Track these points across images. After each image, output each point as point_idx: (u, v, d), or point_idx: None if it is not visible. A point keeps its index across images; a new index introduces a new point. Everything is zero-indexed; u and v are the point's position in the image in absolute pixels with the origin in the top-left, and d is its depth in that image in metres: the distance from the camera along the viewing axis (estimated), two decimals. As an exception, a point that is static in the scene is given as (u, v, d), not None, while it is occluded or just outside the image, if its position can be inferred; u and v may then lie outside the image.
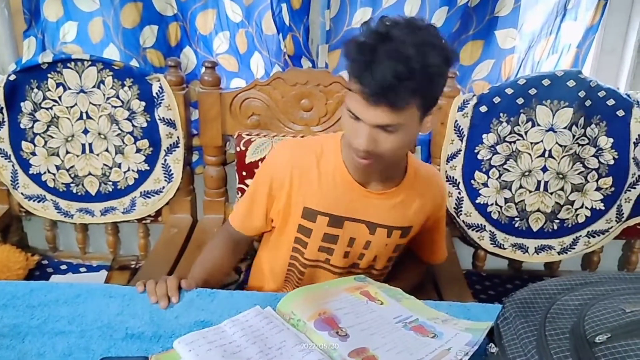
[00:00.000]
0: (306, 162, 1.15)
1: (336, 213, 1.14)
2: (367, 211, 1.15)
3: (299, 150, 1.18)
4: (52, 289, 1.00)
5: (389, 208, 1.16)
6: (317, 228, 1.16)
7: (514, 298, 0.87)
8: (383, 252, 1.21)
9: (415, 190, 1.18)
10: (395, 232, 1.18)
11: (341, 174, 1.13)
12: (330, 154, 1.15)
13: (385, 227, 1.17)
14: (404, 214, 1.18)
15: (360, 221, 1.16)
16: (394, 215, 1.17)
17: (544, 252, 1.68)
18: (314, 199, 1.14)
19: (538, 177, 1.61)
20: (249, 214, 1.22)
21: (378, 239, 1.18)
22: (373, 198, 1.14)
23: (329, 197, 1.14)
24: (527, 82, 1.54)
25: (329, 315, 0.92)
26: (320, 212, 1.14)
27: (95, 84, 1.58)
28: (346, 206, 1.14)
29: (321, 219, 1.15)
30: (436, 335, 0.89)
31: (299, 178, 1.14)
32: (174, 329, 0.91)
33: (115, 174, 1.66)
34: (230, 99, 1.59)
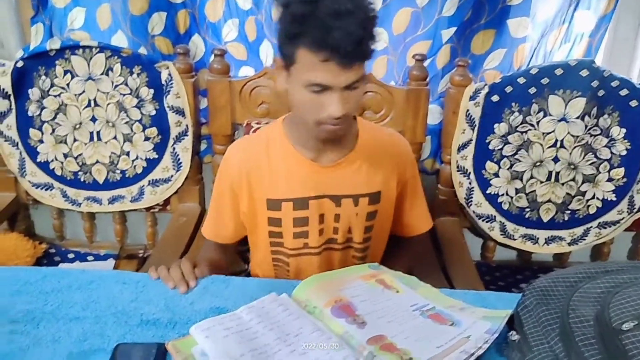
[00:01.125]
0: (256, 156, 1.16)
1: (297, 196, 1.14)
2: (327, 185, 1.14)
3: (247, 148, 1.20)
4: (65, 275, 0.99)
5: (349, 176, 1.15)
6: (284, 215, 1.15)
7: (534, 286, 0.86)
8: (356, 222, 1.18)
9: (373, 153, 1.16)
10: (362, 200, 1.17)
11: (292, 156, 1.13)
12: (276, 141, 1.15)
13: (350, 197, 1.16)
14: (367, 179, 1.16)
15: (323, 196, 1.15)
16: (355, 182, 1.15)
17: (554, 243, 1.67)
18: (272, 189, 1.14)
19: (549, 168, 1.60)
20: (218, 224, 1.24)
21: (346, 209, 1.16)
22: (329, 171, 1.14)
23: (286, 182, 1.14)
24: (539, 71, 1.52)
25: (345, 302, 0.92)
26: (282, 200, 1.14)
27: (104, 71, 1.57)
28: (305, 186, 1.14)
29: (285, 205, 1.14)
30: (454, 323, 0.88)
31: (254, 173, 1.15)
32: (189, 315, 0.91)
33: (123, 162, 1.64)
34: (239, 87, 1.57)
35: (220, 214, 1.22)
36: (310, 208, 1.15)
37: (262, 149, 1.16)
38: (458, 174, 1.60)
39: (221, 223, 1.23)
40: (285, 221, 1.16)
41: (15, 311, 0.89)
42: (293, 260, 1.21)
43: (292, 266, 1.22)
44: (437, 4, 1.57)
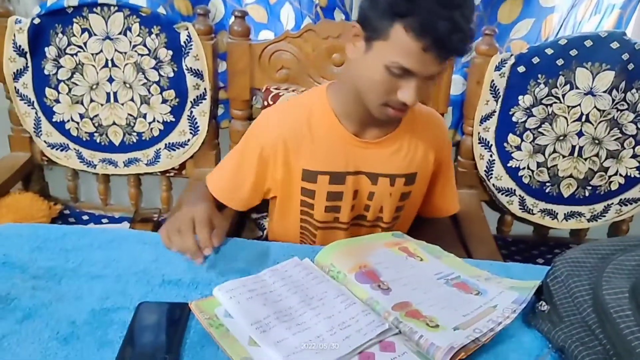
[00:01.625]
0: (296, 124, 1.10)
1: (335, 169, 1.10)
2: (366, 162, 1.11)
3: (286, 114, 1.13)
4: (85, 234, 0.98)
5: (389, 156, 1.12)
6: (319, 188, 1.12)
7: (565, 257, 0.84)
8: (388, 202, 1.16)
9: (415, 133, 1.13)
10: (399, 180, 1.14)
11: (335, 129, 1.09)
12: (319, 111, 1.10)
13: (387, 176, 1.13)
14: (406, 160, 1.13)
15: (360, 173, 1.12)
16: (395, 162, 1.12)
17: (574, 218, 1.65)
18: (310, 160, 1.10)
19: (573, 142, 1.57)
20: (235, 186, 1.16)
21: (381, 188, 1.14)
22: (371, 148, 1.10)
23: (326, 155, 1.09)
24: (568, 42, 1.48)
25: (369, 268, 0.90)
26: (319, 172, 1.10)
27: (122, 31, 1.54)
28: (344, 160, 1.10)
29: (322, 178, 1.11)
30: (480, 292, 0.87)
31: (293, 141, 1.09)
32: (211, 277, 0.89)
33: (140, 125, 1.62)
34: (259, 50, 1.54)
35: (240, 178, 1.15)
36: (347, 183, 1.11)
37: (303, 117, 1.10)
38: (479, 146, 1.58)
39: (238, 187, 1.16)
40: (318, 193, 1.12)
41: (37, 267, 0.89)
42: (320, 232, 1.18)
43: (318, 238, 1.20)
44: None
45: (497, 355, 0.76)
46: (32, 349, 0.72)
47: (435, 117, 1.21)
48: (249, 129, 1.17)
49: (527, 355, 0.77)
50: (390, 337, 0.77)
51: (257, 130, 1.14)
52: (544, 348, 0.77)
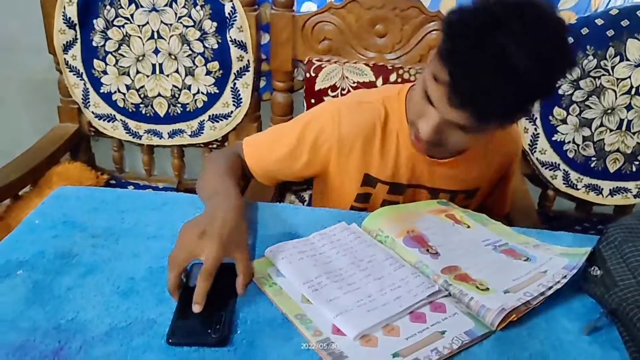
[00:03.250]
0: (369, 125, 1.05)
1: (397, 181, 1.08)
2: (429, 177, 1.09)
3: (359, 117, 1.05)
4: (139, 197, 1.01)
5: (454, 173, 1.09)
6: (376, 194, 1.10)
7: (620, 223, 0.83)
8: None
9: (488, 152, 1.10)
10: (459, 196, 1.12)
11: (406, 140, 1.04)
12: (395, 117, 1.05)
13: (448, 192, 1.11)
14: (470, 177, 1.11)
15: (422, 187, 1.10)
16: (459, 179, 1.09)
17: (619, 194, 1.62)
18: (374, 167, 1.07)
19: (621, 116, 1.53)
20: (266, 155, 1.10)
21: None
22: (438, 165, 1.07)
23: (392, 165, 1.07)
24: (619, 12, 1.45)
25: (417, 233, 0.91)
26: (380, 181, 1.09)
27: (168, 3, 1.56)
28: (409, 174, 1.07)
29: (381, 186, 1.09)
30: (529, 258, 0.87)
31: (361, 142, 1.05)
32: (262, 239, 0.91)
33: (184, 96, 1.65)
34: (302, 22, 1.54)
35: (276, 143, 1.09)
36: (405, 195, 1.10)
37: (377, 120, 1.04)
38: (524, 119, 1.56)
39: (268, 156, 1.10)
40: (373, 198, 1.10)
41: (95, 227, 0.92)
42: None
43: None
44: None
45: (548, 319, 0.76)
46: (95, 302, 0.75)
47: (513, 136, 1.15)
48: (309, 115, 1.10)
49: (578, 320, 0.77)
50: (441, 298, 0.78)
51: (322, 116, 1.06)
52: (596, 313, 0.77)
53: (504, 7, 0.78)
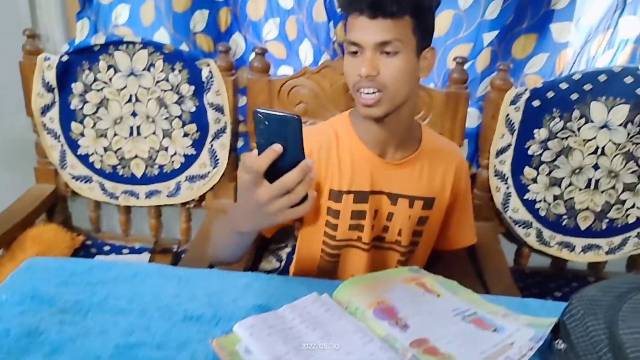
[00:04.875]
0: (327, 145, 1.15)
1: (359, 189, 1.15)
2: (387, 182, 1.16)
3: (319, 136, 1.17)
4: (111, 268, 1.01)
5: (408, 177, 1.17)
6: (344, 207, 1.16)
7: (582, 295, 0.84)
8: (406, 224, 1.20)
9: (434, 160, 1.19)
10: (417, 203, 1.18)
11: (358, 149, 1.14)
12: (344, 133, 1.16)
13: (407, 197, 1.17)
14: (424, 183, 1.18)
15: (381, 193, 1.16)
16: (415, 184, 1.17)
17: (591, 251, 1.65)
18: (337, 180, 1.15)
19: (589, 175, 1.58)
20: None
21: (400, 209, 1.18)
22: (392, 168, 1.15)
23: (351, 175, 1.14)
24: (582, 77, 1.51)
25: (387, 304, 0.91)
26: (344, 192, 1.15)
27: (146, 67, 1.59)
28: (367, 180, 1.15)
29: (346, 197, 1.15)
30: (497, 329, 0.87)
31: (324, 161, 1.15)
32: (232, 311, 0.91)
33: (161, 157, 1.67)
34: (278, 86, 1.58)
35: None
36: (369, 202, 1.16)
37: (332, 139, 1.16)
38: (495, 178, 1.59)
39: None
40: (343, 213, 1.16)
41: (64, 301, 0.91)
42: (343, 252, 1.22)
43: (340, 259, 1.23)
44: (480, 7, 1.55)
45: (515, 393, 0.77)
46: (59, 384, 0.75)
47: (455, 148, 1.29)
48: None
49: (544, 394, 0.77)
50: (409, 374, 0.78)
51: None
52: (561, 387, 0.77)
53: None
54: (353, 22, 1.01)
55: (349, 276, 1.24)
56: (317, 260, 1.25)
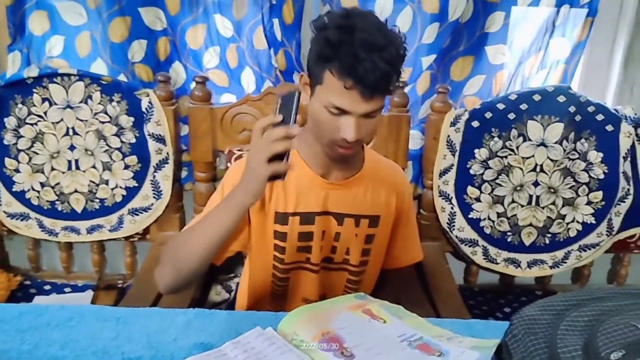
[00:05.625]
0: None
1: (305, 210, 1.15)
2: (332, 203, 1.16)
3: None
4: (43, 312, 0.96)
5: (353, 197, 1.17)
6: (290, 230, 1.15)
7: (522, 315, 0.86)
8: (354, 243, 1.20)
9: (377, 179, 1.20)
10: (363, 221, 1.19)
11: (302, 171, 1.14)
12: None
13: (352, 217, 1.18)
14: (369, 202, 1.19)
15: (328, 213, 1.16)
16: (359, 203, 1.18)
17: (536, 266, 1.68)
18: (282, 202, 1.14)
19: (530, 192, 1.62)
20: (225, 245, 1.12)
21: (347, 229, 1.18)
22: (336, 189, 1.15)
23: (296, 197, 1.14)
24: (518, 97, 1.55)
25: (332, 334, 0.90)
26: (290, 214, 1.14)
27: (83, 99, 1.55)
28: (313, 201, 1.15)
29: (292, 219, 1.15)
30: (442, 353, 0.87)
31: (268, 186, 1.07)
32: (172, 352, 0.88)
33: (102, 191, 1.62)
34: (221, 114, 1.57)
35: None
36: (316, 224, 1.16)
37: None
38: (440, 199, 1.61)
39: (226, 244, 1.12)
40: (290, 235, 1.16)
41: (-9, 351, 0.86)
42: (292, 274, 1.21)
43: (290, 282, 1.22)
44: (417, 32, 1.59)
45: (461, 419, 0.76)
46: None
47: (396, 167, 1.30)
48: (223, 179, 1.17)
49: (490, 418, 0.77)
50: (354, 407, 0.76)
51: (235, 176, 1.11)
52: (506, 410, 0.78)
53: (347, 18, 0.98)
54: (340, 89, 0.98)
55: (299, 299, 1.24)
56: (269, 286, 1.24)
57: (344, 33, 0.97)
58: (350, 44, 0.95)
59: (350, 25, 0.97)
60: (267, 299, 1.26)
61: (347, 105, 0.99)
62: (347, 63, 0.96)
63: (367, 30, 0.96)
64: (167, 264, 1.04)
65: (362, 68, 0.95)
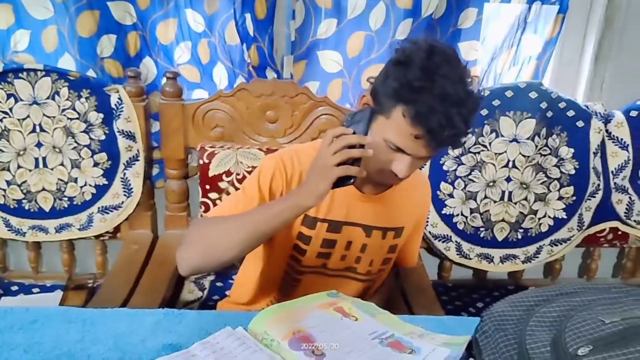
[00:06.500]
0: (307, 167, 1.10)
1: (335, 218, 1.14)
2: (363, 214, 1.16)
3: (301, 157, 1.13)
4: (6, 315, 0.93)
5: (383, 210, 1.17)
6: (316, 235, 1.15)
7: (492, 311, 0.86)
8: (379, 254, 1.22)
9: (406, 193, 1.20)
10: (389, 234, 1.20)
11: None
12: None
13: (380, 229, 1.18)
14: (397, 214, 1.19)
15: (357, 224, 1.16)
16: (388, 216, 1.18)
17: (509, 261, 1.69)
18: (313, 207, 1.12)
19: (502, 188, 1.63)
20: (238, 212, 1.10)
21: (374, 241, 1.18)
22: (368, 201, 1.15)
23: (328, 204, 1.13)
24: (490, 93, 1.56)
25: (303, 333, 0.89)
26: (319, 219, 1.13)
27: (50, 95, 1.51)
28: (344, 211, 1.14)
29: (320, 225, 1.14)
30: (414, 350, 0.87)
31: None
32: (140, 354, 0.86)
33: (71, 189, 1.58)
34: (192, 110, 1.55)
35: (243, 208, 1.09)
36: (342, 233, 1.15)
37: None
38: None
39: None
40: (314, 240, 1.15)
41: (-51, 357, 0.83)
42: (305, 277, 1.20)
43: (302, 282, 1.21)
44: (390, 28, 1.58)
45: (431, 417, 0.76)
46: None
47: (423, 180, 1.33)
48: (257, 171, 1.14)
49: (460, 415, 0.77)
50: (324, 406, 0.76)
51: (268, 170, 1.11)
52: (476, 406, 0.78)
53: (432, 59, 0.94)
54: (407, 133, 0.96)
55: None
56: (279, 282, 1.23)
57: (426, 77, 0.93)
58: (431, 92, 0.92)
59: (434, 69, 0.93)
60: (275, 293, 1.25)
61: (410, 149, 0.98)
62: (422, 111, 0.93)
63: (449, 78, 0.93)
64: (196, 246, 1.05)
65: (437, 121, 0.92)
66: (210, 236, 1.04)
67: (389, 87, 0.97)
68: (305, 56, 1.63)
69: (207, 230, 1.07)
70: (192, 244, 1.06)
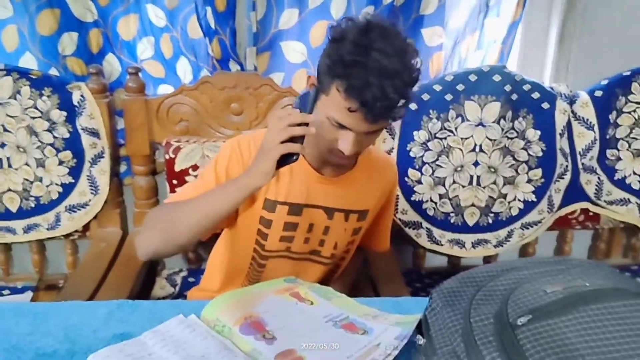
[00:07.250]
0: None
1: (295, 201, 1.14)
2: (324, 197, 1.16)
3: (254, 144, 1.12)
4: (-44, 311, 0.93)
5: (345, 192, 1.17)
6: (277, 218, 1.15)
7: (442, 288, 0.85)
8: (342, 237, 1.22)
9: (369, 174, 1.20)
10: (352, 216, 1.20)
11: (298, 163, 1.09)
12: None
13: (342, 211, 1.18)
14: (360, 197, 1.20)
15: (318, 207, 1.16)
16: (350, 198, 1.18)
17: (481, 246, 1.69)
18: (273, 190, 1.13)
19: (470, 172, 1.63)
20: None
21: (336, 223, 1.19)
22: (329, 183, 1.16)
23: (288, 186, 1.14)
24: (454, 78, 1.56)
25: (255, 319, 0.89)
26: (279, 202, 1.14)
27: (11, 95, 1.50)
28: (304, 193, 1.14)
29: (281, 208, 1.14)
30: (366, 331, 0.87)
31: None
32: (90, 344, 0.86)
33: (37, 189, 1.57)
34: (156, 105, 1.54)
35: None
36: (303, 215, 1.15)
37: None
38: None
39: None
40: (275, 224, 1.15)
41: None
42: (270, 262, 1.20)
43: (267, 267, 1.21)
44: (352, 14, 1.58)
45: (379, 394, 0.76)
46: None
47: (389, 162, 1.32)
48: (214, 158, 1.15)
49: (408, 392, 0.77)
50: (271, 388, 0.75)
51: (225, 156, 1.13)
52: (423, 383, 0.77)
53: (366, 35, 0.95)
54: (344, 108, 0.96)
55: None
56: (246, 268, 1.23)
57: (359, 52, 0.94)
58: (363, 66, 0.93)
59: (368, 43, 0.94)
60: (243, 280, 1.26)
61: (348, 123, 0.98)
62: (356, 86, 0.93)
63: (383, 51, 0.93)
64: (155, 231, 1.06)
65: (370, 94, 0.93)
66: (168, 220, 1.05)
67: (325, 65, 0.99)
68: (269, 48, 1.63)
69: (165, 214, 1.08)
70: (151, 228, 1.07)
